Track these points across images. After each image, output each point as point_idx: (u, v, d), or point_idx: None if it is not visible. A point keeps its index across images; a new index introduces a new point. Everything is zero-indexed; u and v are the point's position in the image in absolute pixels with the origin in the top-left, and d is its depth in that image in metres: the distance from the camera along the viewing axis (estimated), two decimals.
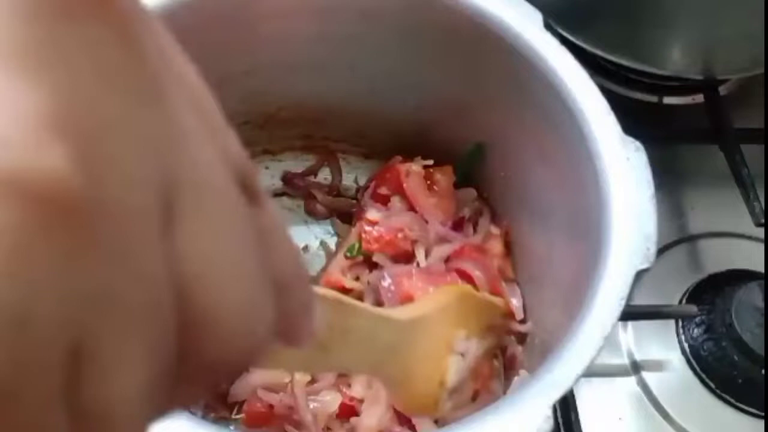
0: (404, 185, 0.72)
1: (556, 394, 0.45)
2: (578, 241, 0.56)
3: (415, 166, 0.72)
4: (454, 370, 0.54)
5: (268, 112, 0.73)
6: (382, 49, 0.66)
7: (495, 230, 0.72)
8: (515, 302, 0.68)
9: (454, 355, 0.54)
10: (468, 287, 0.62)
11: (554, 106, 0.57)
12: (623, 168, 0.53)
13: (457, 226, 0.72)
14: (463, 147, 0.72)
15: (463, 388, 0.56)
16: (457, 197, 0.73)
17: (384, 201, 0.72)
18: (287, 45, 0.66)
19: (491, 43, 0.59)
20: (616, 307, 0.48)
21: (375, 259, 0.69)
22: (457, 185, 0.73)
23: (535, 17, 0.59)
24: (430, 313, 0.51)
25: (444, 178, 0.72)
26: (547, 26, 0.59)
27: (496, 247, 0.71)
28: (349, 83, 0.70)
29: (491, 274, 0.67)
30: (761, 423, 0.71)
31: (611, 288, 0.49)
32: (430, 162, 0.72)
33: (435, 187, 0.72)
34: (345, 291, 0.67)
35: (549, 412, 0.44)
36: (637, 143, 0.54)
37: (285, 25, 0.64)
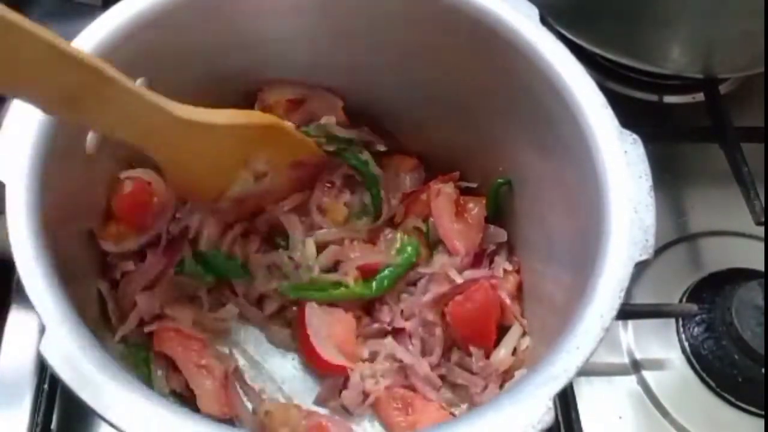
0: (431, 204, 0.70)
1: (558, 386, 0.45)
2: (577, 233, 0.56)
3: (447, 188, 0.70)
4: (241, 181, 0.63)
5: (266, 109, 0.73)
6: (379, 45, 0.66)
7: (509, 266, 0.70)
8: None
9: (247, 171, 0.63)
10: (283, 122, 0.64)
11: (551, 100, 0.57)
12: (621, 161, 0.52)
13: (477, 258, 0.70)
14: (459, 144, 0.72)
15: (249, 199, 0.66)
16: (486, 232, 0.71)
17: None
18: (286, 42, 0.66)
19: (487, 39, 0.59)
20: (616, 298, 0.48)
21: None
22: (488, 220, 0.71)
23: (532, 12, 0.59)
24: (215, 122, 0.56)
25: (477, 209, 0.70)
26: (544, 22, 0.59)
27: (508, 285, 0.68)
28: (346, 80, 0.70)
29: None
30: (761, 422, 0.70)
31: (611, 280, 0.48)
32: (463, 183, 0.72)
33: (465, 215, 0.70)
34: None
35: (550, 404, 0.44)
36: (634, 135, 0.54)
37: (284, 23, 0.64)
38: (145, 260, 0.66)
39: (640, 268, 0.50)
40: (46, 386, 0.65)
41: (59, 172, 0.53)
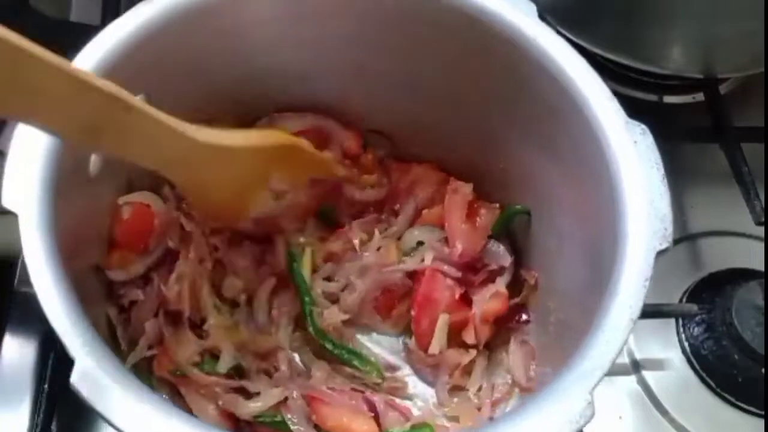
0: (446, 197, 0.70)
1: (594, 380, 0.45)
2: (592, 230, 0.55)
3: (467, 188, 0.70)
4: (262, 201, 0.65)
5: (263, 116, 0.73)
6: (378, 46, 0.65)
7: (503, 290, 0.68)
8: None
9: (267, 191, 0.64)
10: (300, 141, 0.65)
11: (555, 96, 0.56)
12: (631, 151, 0.52)
13: (471, 265, 0.69)
14: (460, 143, 0.71)
15: (273, 217, 0.67)
16: (491, 249, 0.70)
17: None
18: (282, 49, 0.66)
19: (488, 37, 0.59)
20: (641, 289, 0.48)
21: None
22: (492, 235, 0.70)
23: (530, 9, 0.58)
24: (234, 145, 0.58)
25: (487, 215, 0.70)
26: (543, 21, 0.59)
27: (487, 307, 0.68)
28: (345, 83, 0.70)
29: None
30: (761, 422, 0.71)
31: (634, 271, 0.48)
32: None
33: (475, 218, 0.70)
34: None
35: (590, 398, 0.44)
36: (643, 126, 0.53)
37: (283, 32, 0.64)
38: (152, 283, 0.65)
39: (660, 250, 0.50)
40: (46, 386, 0.64)
41: (66, 200, 0.52)
